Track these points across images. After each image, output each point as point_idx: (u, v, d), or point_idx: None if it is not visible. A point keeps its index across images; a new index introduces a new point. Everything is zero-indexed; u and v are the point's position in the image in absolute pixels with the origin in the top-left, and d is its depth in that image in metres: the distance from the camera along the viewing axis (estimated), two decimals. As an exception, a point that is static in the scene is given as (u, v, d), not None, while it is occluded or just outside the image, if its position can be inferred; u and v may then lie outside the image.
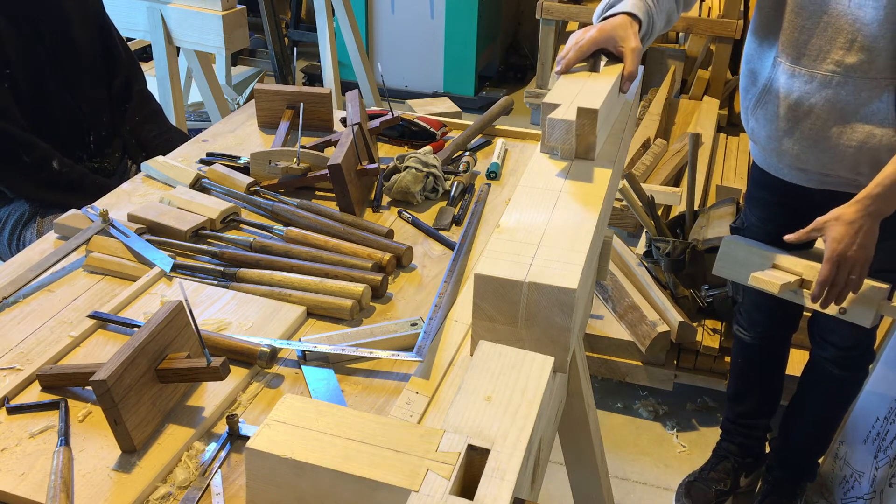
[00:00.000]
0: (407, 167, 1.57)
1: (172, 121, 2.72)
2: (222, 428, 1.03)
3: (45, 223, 1.95)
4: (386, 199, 1.59)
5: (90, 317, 1.19)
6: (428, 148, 1.63)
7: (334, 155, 1.49)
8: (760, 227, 1.89)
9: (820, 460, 2.20)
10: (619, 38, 1.34)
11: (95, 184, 1.96)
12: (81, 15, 2.07)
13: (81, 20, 2.06)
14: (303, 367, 1.13)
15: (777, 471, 2.18)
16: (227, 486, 0.94)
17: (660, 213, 2.77)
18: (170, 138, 2.18)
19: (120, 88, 2.17)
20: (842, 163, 1.65)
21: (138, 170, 2.05)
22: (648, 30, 1.40)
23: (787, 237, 1.58)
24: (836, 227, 1.50)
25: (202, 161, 1.70)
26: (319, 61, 4.15)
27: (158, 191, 1.58)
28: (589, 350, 2.54)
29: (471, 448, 0.80)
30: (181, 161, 1.68)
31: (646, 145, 3.39)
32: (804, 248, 1.71)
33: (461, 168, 1.68)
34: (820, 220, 1.53)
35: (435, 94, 4.86)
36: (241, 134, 1.85)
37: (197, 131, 2.08)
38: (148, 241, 1.36)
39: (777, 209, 1.86)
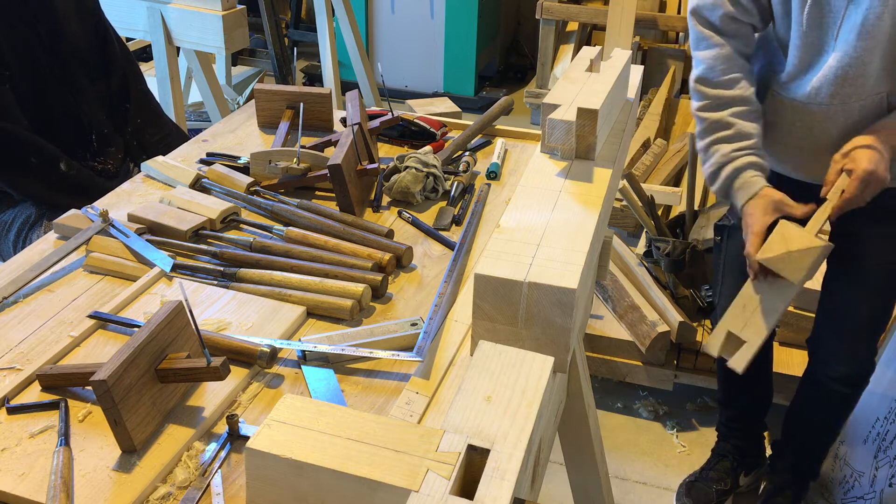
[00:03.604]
0: (407, 167, 1.57)
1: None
2: (222, 428, 1.03)
3: (51, 226, 1.94)
4: (386, 199, 1.59)
5: (90, 317, 1.19)
6: (428, 148, 1.63)
7: (334, 155, 1.49)
8: None
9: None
10: (782, 210, 1.56)
11: (103, 188, 1.95)
12: (77, 12, 2.06)
13: (77, 17, 2.06)
14: (303, 367, 1.13)
15: (781, 472, 2.18)
16: (227, 486, 0.94)
17: (660, 213, 2.77)
18: (171, 143, 2.17)
19: (118, 87, 2.16)
20: None
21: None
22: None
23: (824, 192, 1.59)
24: (865, 151, 1.53)
25: (202, 161, 1.70)
26: (319, 61, 4.15)
27: (158, 191, 1.58)
28: (589, 350, 2.54)
29: (471, 448, 0.80)
30: (181, 161, 1.68)
31: (646, 145, 3.39)
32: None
33: (461, 168, 1.68)
34: (846, 147, 1.56)
35: (435, 94, 4.86)
36: (241, 134, 1.85)
37: (197, 131, 2.08)
38: (148, 241, 1.36)
39: None
